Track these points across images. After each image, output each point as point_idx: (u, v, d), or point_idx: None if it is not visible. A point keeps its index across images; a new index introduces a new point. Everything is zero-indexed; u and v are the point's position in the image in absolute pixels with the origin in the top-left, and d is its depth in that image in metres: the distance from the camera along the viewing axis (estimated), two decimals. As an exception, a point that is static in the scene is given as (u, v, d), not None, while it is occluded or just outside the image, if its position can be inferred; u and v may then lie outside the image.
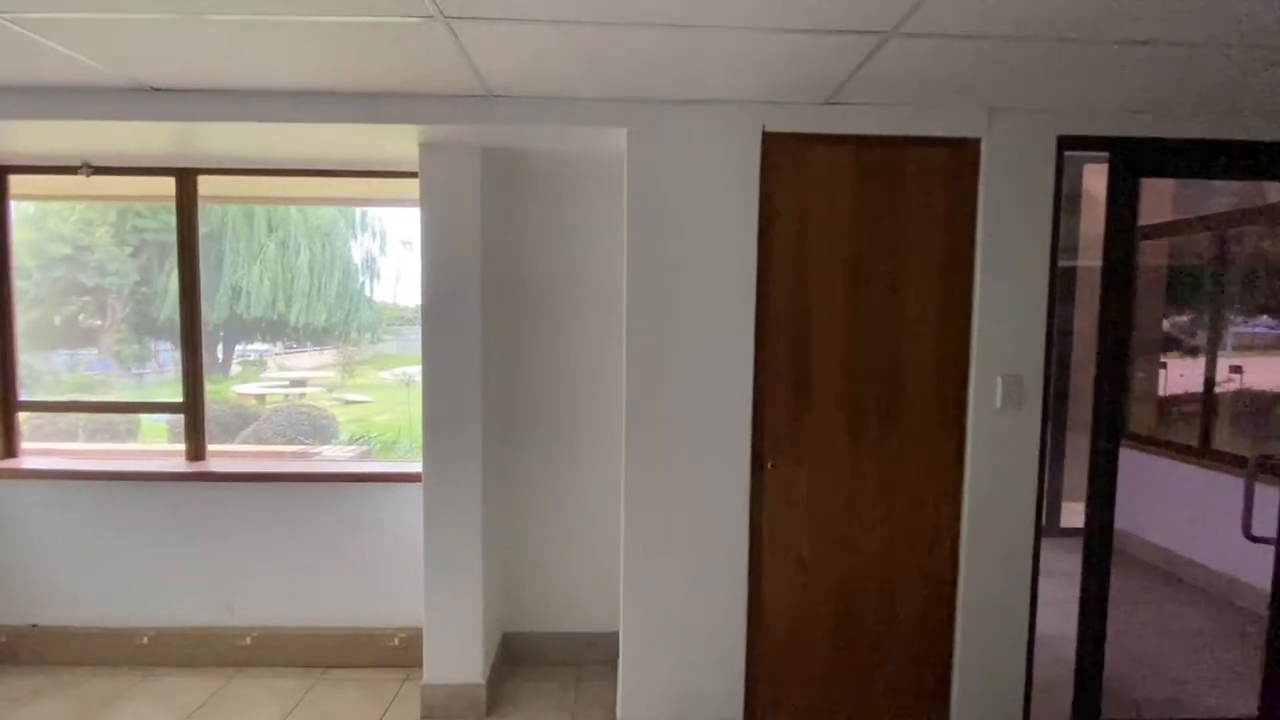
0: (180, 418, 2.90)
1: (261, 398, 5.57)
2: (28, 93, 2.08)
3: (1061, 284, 4.52)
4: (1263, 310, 4.39)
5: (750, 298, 2.21)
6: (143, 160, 2.72)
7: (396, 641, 2.80)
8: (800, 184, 2.23)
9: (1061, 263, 4.63)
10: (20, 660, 2.80)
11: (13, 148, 2.61)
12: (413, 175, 2.43)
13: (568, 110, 2.12)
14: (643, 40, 1.68)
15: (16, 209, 2.94)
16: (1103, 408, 2.32)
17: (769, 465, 2.27)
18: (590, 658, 2.89)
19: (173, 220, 2.81)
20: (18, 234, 2.95)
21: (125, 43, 1.73)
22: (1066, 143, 2.21)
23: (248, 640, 2.80)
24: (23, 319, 2.99)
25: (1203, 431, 3.92)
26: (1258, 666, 2.47)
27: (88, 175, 2.68)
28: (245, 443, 4.39)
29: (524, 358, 2.83)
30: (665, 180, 2.17)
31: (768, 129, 2.17)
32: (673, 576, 2.26)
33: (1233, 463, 3.55)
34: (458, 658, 2.50)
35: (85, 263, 3.84)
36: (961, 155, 2.22)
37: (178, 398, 2.88)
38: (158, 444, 3.93)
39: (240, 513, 2.81)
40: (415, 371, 2.55)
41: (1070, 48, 1.70)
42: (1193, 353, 4.42)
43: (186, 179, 2.80)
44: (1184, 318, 4.73)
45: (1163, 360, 4.72)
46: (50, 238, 3.73)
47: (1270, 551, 2.42)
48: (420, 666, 2.53)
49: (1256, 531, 2.41)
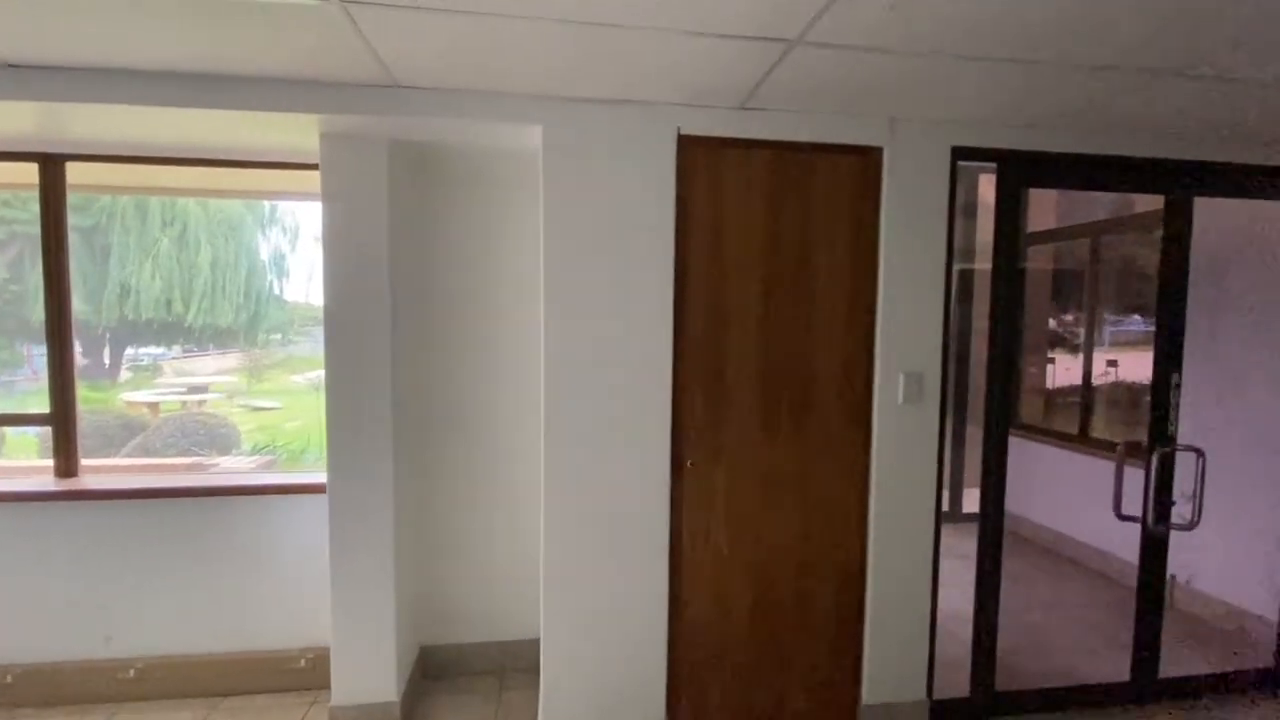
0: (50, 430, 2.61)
1: (154, 406, 5.13)
2: None
3: (962, 286, 4.89)
4: (1133, 310, 4.85)
5: (668, 298, 2.22)
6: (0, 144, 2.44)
7: (303, 663, 2.64)
8: (716, 187, 2.26)
9: (962, 266, 4.97)
10: None
11: None
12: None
13: (480, 105, 2.07)
14: (553, 36, 1.65)
15: None
16: (993, 401, 2.49)
17: (688, 463, 2.29)
18: (514, 666, 2.83)
19: (49, 212, 2.53)
20: None
21: (-33, 10, 1.54)
22: (960, 153, 2.35)
23: (131, 673, 2.56)
24: None
25: (1081, 420, 4.30)
26: (1130, 635, 2.72)
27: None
28: (132, 456, 4.02)
29: (440, 359, 2.73)
30: (582, 180, 2.15)
31: (683, 131, 2.20)
32: (594, 578, 2.24)
33: (1107, 448, 3.91)
34: (369, 675, 2.38)
35: (-61, 258, 3.40)
36: (866, 162, 2.32)
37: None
38: (25, 459, 3.55)
39: (122, 534, 2.56)
40: (323, 375, 2.40)
41: (962, 64, 1.81)
42: (1076, 349, 4.83)
43: (51, 165, 2.52)
44: (1068, 317, 5.17)
45: (1051, 356, 5.14)
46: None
47: (1139, 528, 2.67)
48: (329, 688, 2.39)
49: (1126, 511, 2.66)
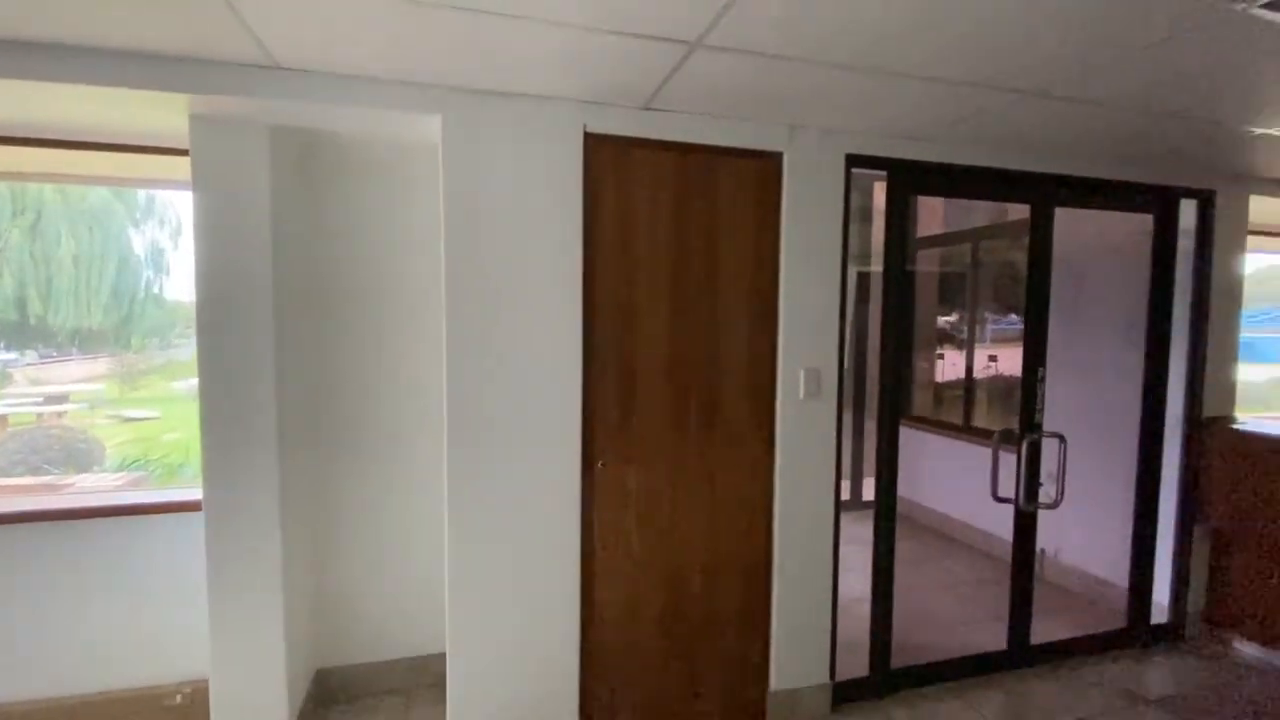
0: None
1: (2, 419, 4.53)
2: None
3: (861, 287, 5.17)
4: (1010, 309, 5.31)
5: (577, 298, 2.19)
6: None
7: (179, 699, 2.40)
8: (624, 186, 2.26)
9: (860, 269, 5.24)
10: None
11: None
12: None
13: (371, 92, 1.95)
14: (447, 23, 1.58)
15: None
16: (886, 394, 2.64)
17: (599, 464, 2.27)
18: (421, 683, 2.70)
19: None
20: None
21: None
22: (853, 161, 2.47)
23: (-33, 725, 2.23)
24: None
25: (965, 411, 4.67)
26: (1007, 607, 2.97)
27: None
28: (-34, 477, 3.52)
29: (335, 361, 2.57)
30: (485, 175, 2.09)
31: (590, 129, 2.18)
32: (502, 585, 2.18)
33: (987, 437, 4.26)
34: (255, 707, 2.20)
35: None
36: (767, 167, 2.39)
37: None
38: None
39: (-48, 566, 2.23)
40: (194, 382, 2.19)
41: (853, 76, 1.90)
42: (962, 345, 5.23)
43: None
44: (955, 316, 5.59)
45: (940, 352, 5.54)
46: None
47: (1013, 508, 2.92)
48: (209, 723, 2.19)
49: (1001, 493, 2.90)
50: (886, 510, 2.68)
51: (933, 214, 5.45)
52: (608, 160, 2.23)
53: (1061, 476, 2.85)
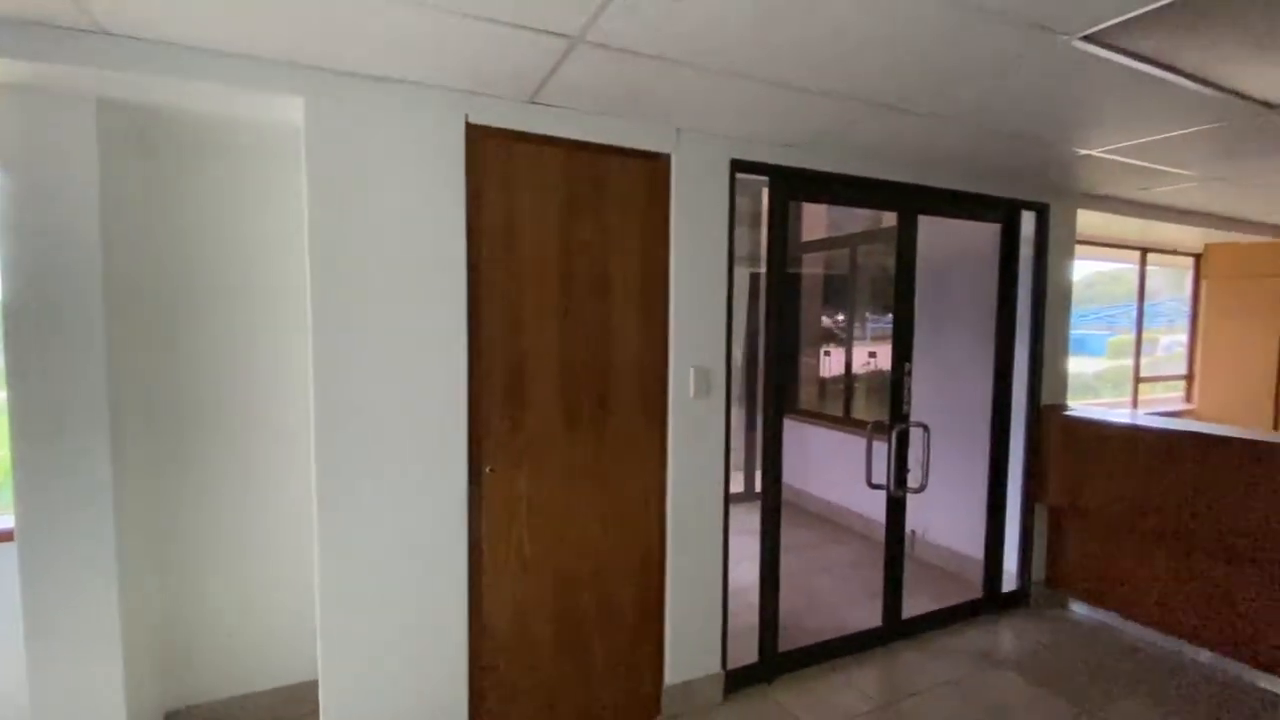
0: None
1: None
2: None
3: (755, 289, 5.38)
4: (887, 309, 5.71)
5: (460, 297, 2.10)
6: None
7: (-12, 760, 2.06)
8: (511, 182, 2.20)
9: (754, 270, 5.43)
10: None
11: None
12: None
13: (218, 66, 1.76)
14: (304, -3, 1.46)
15: None
16: (769, 390, 2.75)
17: (488, 470, 2.20)
18: (301, 712, 2.49)
19: None
20: None
21: None
22: (738, 165, 2.55)
23: None
24: None
25: (845, 404, 4.98)
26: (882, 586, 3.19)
27: None
28: None
29: (193, 367, 2.31)
30: (355, 163, 1.95)
31: (472, 120, 2.09)
32: (381, 600, 2.05)
33: (864, 427, 4.57)
34: (87, 760, 1.93)
35: None
36: (656, 168, 2.41)
37: None
38: None
39: None
40: (2, 391, 1.89)
41: (733, 82, 1.95)
42: (845, 343, 5.58)
43: None
44: (839, 315, 5.95)
45: (827, 349, 5.87)
46: None
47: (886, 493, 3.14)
48: (26, 785, 1.90)
49: (874, 480, 3.11)
50: (773, 501, 2.80)
51: (819, 219, 5.77)
52: (492, 153, 2.16)
53: (926, 462, 3.11)
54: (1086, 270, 5.51)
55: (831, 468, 4.97)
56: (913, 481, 3.13)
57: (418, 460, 2.07)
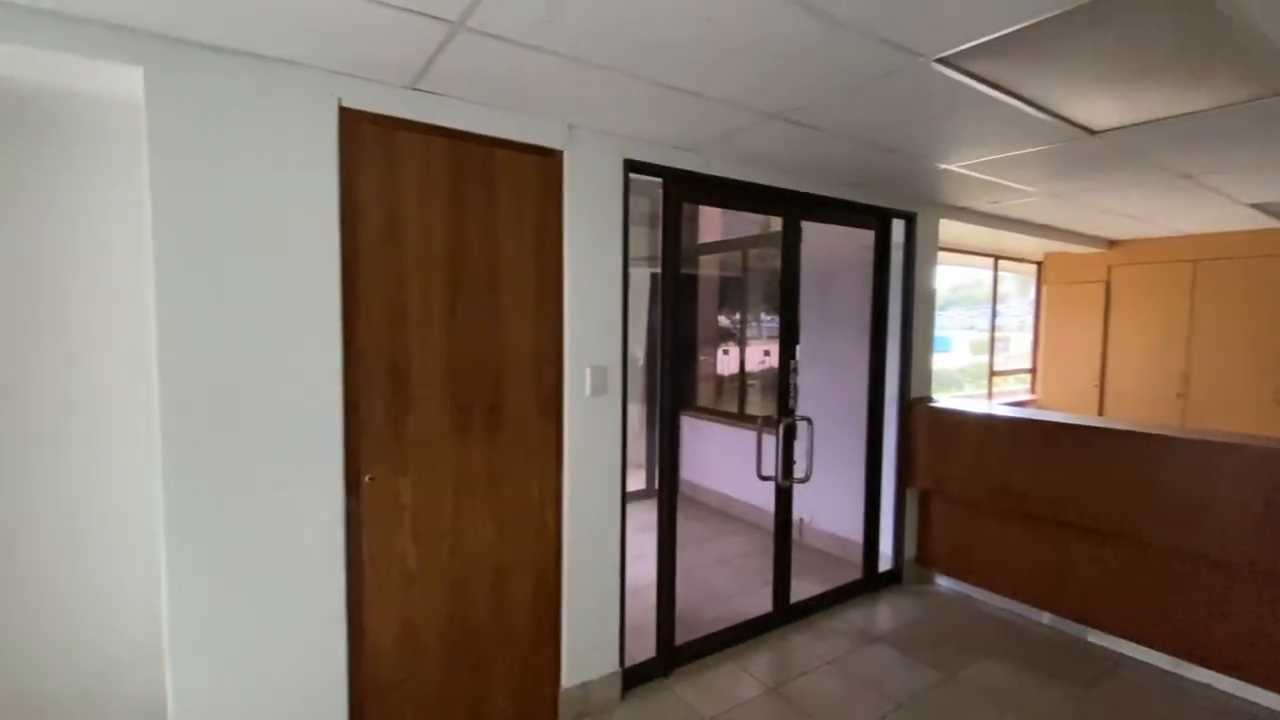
0: None
1: None
2: None
3: (655, 288, 5.44)
4: (778, 310, 5.98)
5: (334, 293, 1.96)
6: None
7: None
8: (392, 172, 2.07)
9: (654, 269, 5.49)
10: None
11: None
12: None
13: (23, 23, 1.51)
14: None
15: None
16: (664, 388, 2.79)
17: (368, 478, 2.06)
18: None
19: None
20: None
21: None
22: (631, 166, 2.56)
23: None
24: None
25: (739, 400, 5.17)
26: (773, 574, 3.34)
27: None
28: None
29: (14, 362, 1.98)
30: (207, 144, 1.75)
31: (347, 104, 1.95)
32: (244, 628, 1.86)
33: (756, 422, 4.78)
34: None
35: None
36: (549, 164, 2.37)
37: None
38: None
39: None
40: None
41: (621, 80, 1.95)
42: (743, 342, 5.78)
43: None
44: (737, 315, 6.16)
45: (726, 348, 6.06)
46: None
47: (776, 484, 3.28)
48: None
49: (764, 472, 3.25)
50: (669, 497, 2.84)
51: (716, 221, 5.94)
52: (370, 141, 2.02)
53: (810, 453, 3.28)
54: (956, 275, 6.06)
55: (727, 462, 5.14)
56: (799, 472, 3.29)
57: (285, 472, 1.90)
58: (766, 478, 3.23)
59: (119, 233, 2.11)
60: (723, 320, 6.11)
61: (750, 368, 5.40)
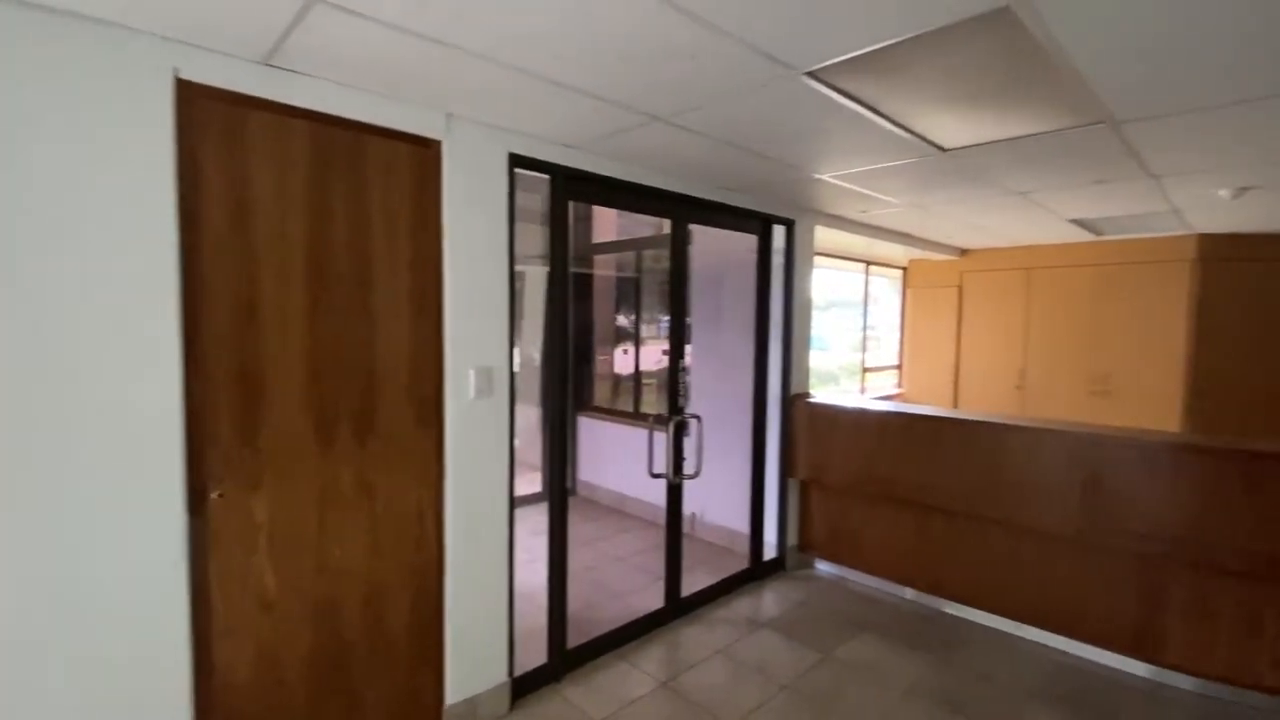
0: None
1: None
2: None
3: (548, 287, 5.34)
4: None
5: (171, 289, 1.73)
6: None
7: None
8: (244, 155, 1.87)
9: (546, 269, 5.39)
10: None
11: None
12: None
13: None
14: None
15: None
16: (554, 387, 2.74)
17: (215, 495, 1.85)
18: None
19: None
20: None
21: None
22: (516, 160, 2.49)
23: None
24: None
25: (635, 399, 5.22)
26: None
27: None
28: None
29: None
30: (7, 113, 1.49)
31: (185, 77, 1.74)
32: (54, 678, 1.60)
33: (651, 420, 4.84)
34: None
35: None
36: (426, 154, 2.25)
37: None
38: None
39: None
40: None
41: (498, 70, 1.88)
42: (640, 341, 5.83)
43: None
44: (633, 315, 6.20)
45: (625, 348, 6.08)
46: None
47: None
48: None
49: (655, 469, 3.29)
50: (559, 500, 2.79)
51: (611, 221, 5.95)
52: (218, 119, 1.82)
53: (699, 450, 3.37)
54: (838, 279, 6.46)
55: (624, 461, 5.17)
56: (689, 469, 3.37)
57: (111, 492, 1.66)
58: (658, 475, 3.27)
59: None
60: (621, 320, 6.14)
61: (649, 367, 5.46)
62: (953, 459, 3.28)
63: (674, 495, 3.36)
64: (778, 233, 3.91)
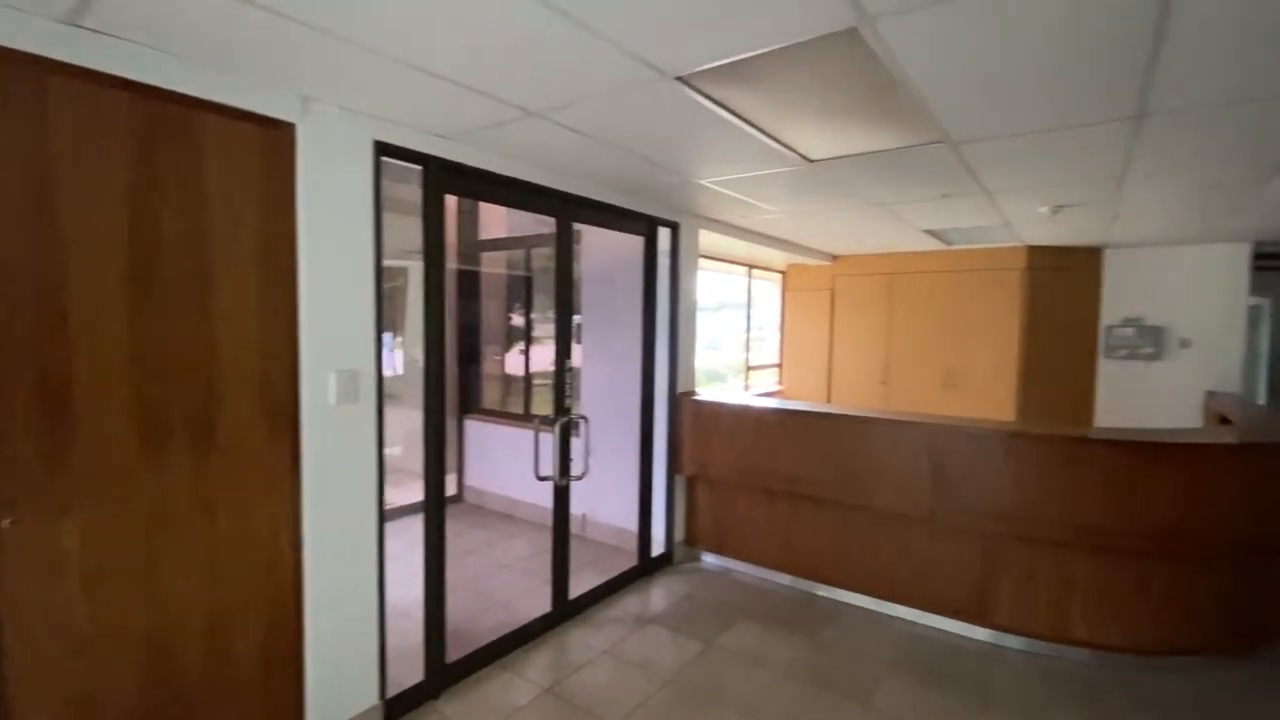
0: None
1: None
2: None
3: (453, 285, 5.10)
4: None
5: (-57, 279, 1.46)
6: None
7: None
8: (45, 127, 1.62)
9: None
10: None
11: None
12: None
13: None
14: None
15: None
16: (430, 389, 2.61)
17: (7, 522, 1.58)
18: None
19: None
20: None
21: None
22: (383, 149, 2.34)
23: None
24: None
25: (526, 401, 5.12)
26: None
27: None
28: None
29: None
30: None
31: (-41, 30, 1.47)
32: None
33: (542, 423, 4.76)
34: None
35: None
36: (276, 138, 2.06)
37: None
38: None
39: None
40: None
41: (358, 52, 1.75)
42: (535, 341, 5.70)
43: None
44: (523, 314, 6.05)
45: (522, 348, 5.91)
46: None
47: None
48: None
49: (542, 472, 3.23)
50: (435, 508, 2.67)
51: (499, 218, 5.78)
52: (9, 84, 1.55)
53: (586, 451, 3.35)
54: (729, 282, 6.68)
55: (513, 464, 5.04)
56: (576, 470, 3.34)
57: None
58: (544, 478, 3.22)
59: None
60: (516, 319, 5.99)
61: (543, 367, 5.36)
62: (821, 451, 3.50)
63: (561, 497, 3.32)
64: (663, 235, 3.98)
